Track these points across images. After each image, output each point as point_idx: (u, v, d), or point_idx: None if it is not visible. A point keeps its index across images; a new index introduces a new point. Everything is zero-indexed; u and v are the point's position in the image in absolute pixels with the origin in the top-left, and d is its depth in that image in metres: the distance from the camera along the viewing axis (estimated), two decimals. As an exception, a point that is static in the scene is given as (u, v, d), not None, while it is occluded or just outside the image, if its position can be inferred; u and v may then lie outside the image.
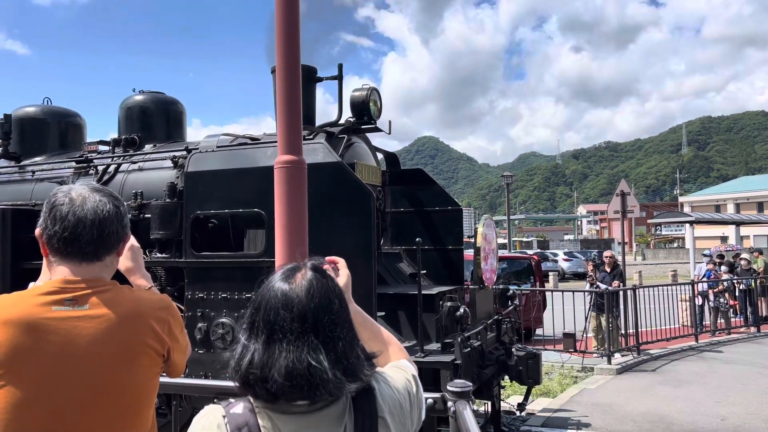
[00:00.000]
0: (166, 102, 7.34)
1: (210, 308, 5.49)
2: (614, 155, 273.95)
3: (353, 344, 1.36)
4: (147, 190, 6.29)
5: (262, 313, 1.34)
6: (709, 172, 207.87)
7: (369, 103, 6.17)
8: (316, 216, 5.10)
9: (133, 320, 1.67)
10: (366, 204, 4.97)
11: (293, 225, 4.28)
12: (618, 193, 16.66)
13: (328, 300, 1.35)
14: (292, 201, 4.28)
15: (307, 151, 5.27)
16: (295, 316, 1.31)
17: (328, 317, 1.33)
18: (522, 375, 5.43)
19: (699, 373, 9.87)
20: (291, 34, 4.31)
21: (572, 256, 39.67)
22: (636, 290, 11.54)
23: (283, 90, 4.38)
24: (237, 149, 5.73)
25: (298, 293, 1.34)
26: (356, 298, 4.98)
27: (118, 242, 1.75)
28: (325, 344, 1.30)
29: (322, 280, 1.39)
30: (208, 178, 5.60)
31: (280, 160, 4.35)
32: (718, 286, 13.95)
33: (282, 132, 4.38)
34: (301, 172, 4.37)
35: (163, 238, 5.83)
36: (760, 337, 13.28)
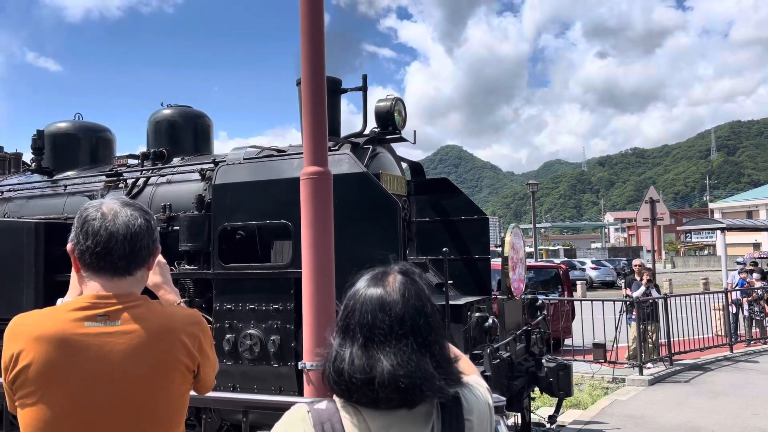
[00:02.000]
0: (194, 115, 7.43)
1: (238, 320, 5.51)
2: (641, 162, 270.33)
3: (446, 348, 1.36)
4: (175, 202, 6.37)
5: (357, 317, 1.33)
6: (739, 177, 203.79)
7: (394, 113, 6.18)
8: (342, 226, 5.10)
9: (165, 336, 1.66)
10: (392, 214, 4.96)
11: (319, 236, 4.28)
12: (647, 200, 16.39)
13: (422, 303, 1.35)
14: (318, 212, 4.29)
15: (332, 161, 5.29)
16: (394, 320, 1.30)
17: (424, 320, 1.33)
18: (553, 387, 5.35)
19: (735, 384, 9.62)
20: (316, 47, 4.34)
21: (600, 264, 39.11)
22: (667, 299, 11.32)
23: (308, 102, 4.40)
24: (263, 161, 5.77)
25: (393, 296, 1.34)
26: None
27: (149, 256, 1.75)
28: (424, 347, 1.30)
29: (414, 282, 1.38)
30: (236, 190, 5.64)
31: (306, 171, 4.35)
32: (751, 295, 13.59)
33: (308, 144, 4.39)
34: (327, 184, 4.39)
35: (191, 250, 5.88)
36: None
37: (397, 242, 4.93)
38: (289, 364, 5.26)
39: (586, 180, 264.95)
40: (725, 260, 23.05)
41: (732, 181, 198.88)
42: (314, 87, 4.40)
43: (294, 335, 5.26)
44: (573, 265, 34.96)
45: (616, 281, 34.22)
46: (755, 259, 17.67)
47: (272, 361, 5.33)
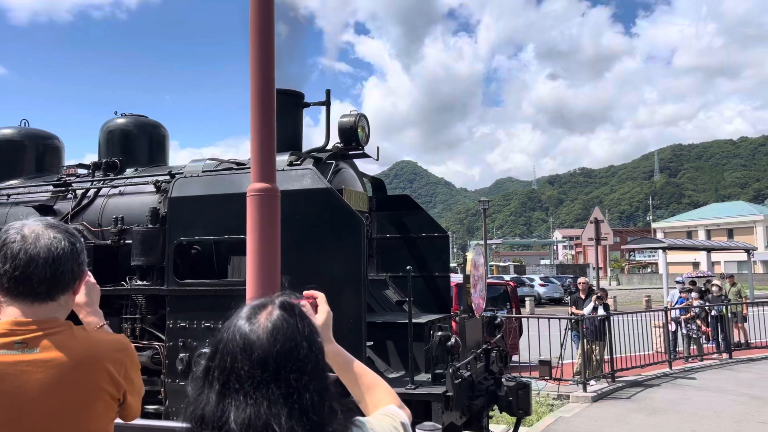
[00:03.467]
0: (149, 125, 7.21)
1: (192, 338, 5.31)
2: (589, 181, 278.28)
3: (323, 395, 1.19)
4: (128, 215, 6.13)
5: (218, 359, 1.18)
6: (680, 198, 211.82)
7: (357, 129, 6.13)
8: (304, 242, 5.01)
9: (88, 364, 1.58)
10: (356, 230, 4.89)
11: (266, 254, 4.19)
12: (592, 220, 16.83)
13: (294, 344, 1.18)
14: (264, 229, 4.20)
15: (295, 176, 5.20)
16: (255, 363, 1.14)
17: (294, 364, 1.16)
18: (512, 406, 5.34)
19: (673, 400, 9.85)
20: (265, 61, 4.24)
21: (548, 281, 39.86)
22: (610, 317, 11.62)
23: (256, 117, 4.29)
24: (222, 174, 5.62)
25: (259, 335, 1.17)
26: (346, 327, 4.85)
27: (73, 281, 1.66)
28: (288, 396, 1.13)
29: (289, 320, 1.21)
30: (193, 203, 5.47)
31: (254, 188, 4.26)
32: (689, 313, 14.06)
33: (255, 159, 4.28)
34: (275, 200, 4.31)
35: (144, 264, 5.66)
36: (732, 363, 13.34)
37: (361, 259, 4.85)
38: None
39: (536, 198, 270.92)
40: (666, 278, 23.81)
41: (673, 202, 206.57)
42: (263, 102, 4.28)
43: (251, 354, 5.09)
44: (522, 282, 35.54)
45: (563, 298, 34.95)
46: (693, 278, 18.29)
47: (228, 381, 5.14)
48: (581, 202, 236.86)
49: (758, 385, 10.83)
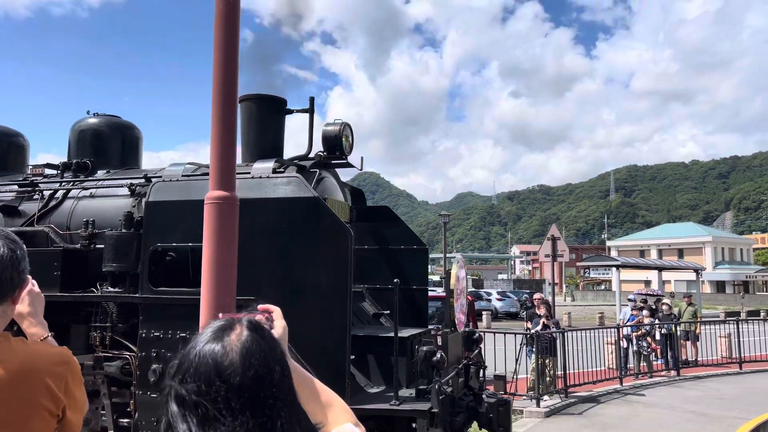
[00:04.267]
0: (122, 126, 6.97)
1: (167, 348, 5.10)
2: (547, 198, 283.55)
3: (293, 421, 1.13)
4: (99, 218, 5.89)
5: (191, 386, 1.09)
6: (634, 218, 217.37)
7: (342, 137, 6.04)
8: (287, 252, 4.88)
9: (26, 378, 1.50)
10: (344, 241, 4.78)
11: (223, 264, 4.10)
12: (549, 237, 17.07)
13: (268, 369, 1.11)
14: (222, 239, 4.11)
15: (279, 184, 5.07)
16: (231, 390, 1.07)
17: (268, 390, 1.09)
18: (493, 423, 5.29)
19: (623, 416, 9.98)
20: (229, 65, 4.17)
21: (505, 295, 40.26)
22: (564, 333, 11.78)
23: (218, 122, 4.20)
24: (203, 179, 5.44)
25: (233, 360, 1.09)
26: (330, 340, 4.70)
27: (13, 289, 1.58)
28: (263, 426, 1.07)
29: (261, 341, 1.14)
30: (171, 208, 5.28)
31: (212, 195, 4.17)
32: (640, 330, 14.35)
33: (215, 167, 4.19)
34: (233, 209, 4.23)
35: (117, 270, 5.44)
36: (680, 380, 13.63)
37: (348, 272, 4.74)
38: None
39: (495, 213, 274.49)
40: (619, 296, 24.34)
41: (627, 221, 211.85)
42: (225, 108, 4.19)
43: (229, 366, 4.92)
44: (480, 296, 35.83)
45: (519, 312, 35.35)
46: (644, 295, 18.73)
47: (203, 395, 4.95)
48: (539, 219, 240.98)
49: (704, 403, 11.06)
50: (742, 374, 14.39)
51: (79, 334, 5.67)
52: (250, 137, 6.23)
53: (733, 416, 9.85)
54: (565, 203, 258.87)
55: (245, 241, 4.96)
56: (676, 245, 78.23)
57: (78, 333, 5.67)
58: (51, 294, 5.52)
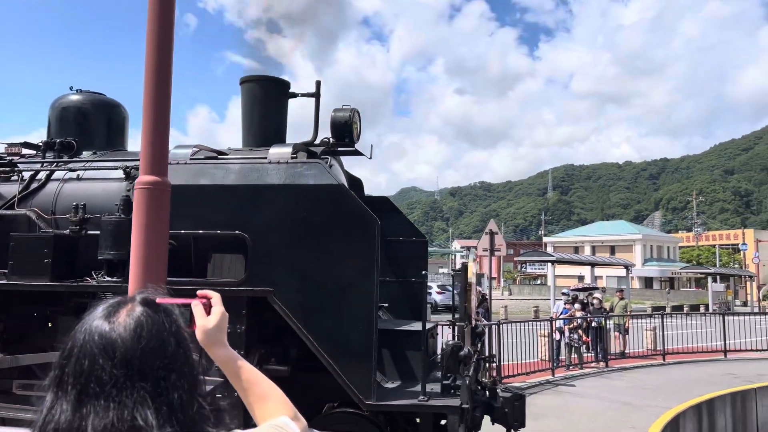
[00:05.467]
0: (108, 105, 6.51)
1: (173, 342, 4.78)
2: (488, 194, 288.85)
3: (194, 394, 1.12)
4: (89, 202, 5.47)
5: (73, 363, 1.07)
6: (570, 215, 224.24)
7: (351, 124, 5.83)
8: (309, 240, 4.65)
9: None
10: (371, 231, 4.60)
11: (152, 250, 4.02)
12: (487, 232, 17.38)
13: (161, 341, 1.11)
14: (152, 225, 4.03)
15: (301, 170, 4.83)
16: (117, 363, 1.06)
17: (161, 362, 1.09)
18: (508, 418, 5.22)
19: (553, 406, 10.26)
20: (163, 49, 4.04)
21: (445, 288, 40.76)
22: (500, 325, 12.06)
23: (150, 107, 4.06)
24: (216, 163, 5.13)
25: (121, 334, 1.09)
26: (355, 333, 4.51)
27: None
28: (156, 396, 1.06)
29: (154, 316, 1.14)
30: (179, 193, 4.92)
31: (143, 180, 4.05)
32: (572, 323, 14.84)
33: (146, 151, 4.06)
34: (165, 195, 4.14)
35: (115, 258, 5.05)
36: (608, 372, 14.13)
37: (374, 262, 4.56)
38: (235, 394, 4.62)
39: (438, 208, 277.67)
40: (554, 290, 25.11)
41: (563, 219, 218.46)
42: (158, 91, 4.06)
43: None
44: (420, 289, 35.99)
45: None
46: (576, 291, 19.40)
47: (215, 392, 4.66)
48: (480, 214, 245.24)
49: (630, 393, 11.50)
50: (666, 365, 15.06)
51: (68, 327, 5.25)
52: (253, 121, 5.94)
53: (655, 405, 10.30)
54: (505, 200, 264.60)
55: (264, 228, 4.71)
56: (608, 242, 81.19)
57: (67, 326, 5.25)
58: (41, 283, 5.10)
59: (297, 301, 4.60)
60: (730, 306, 41.36)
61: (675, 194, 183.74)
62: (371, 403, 4.40)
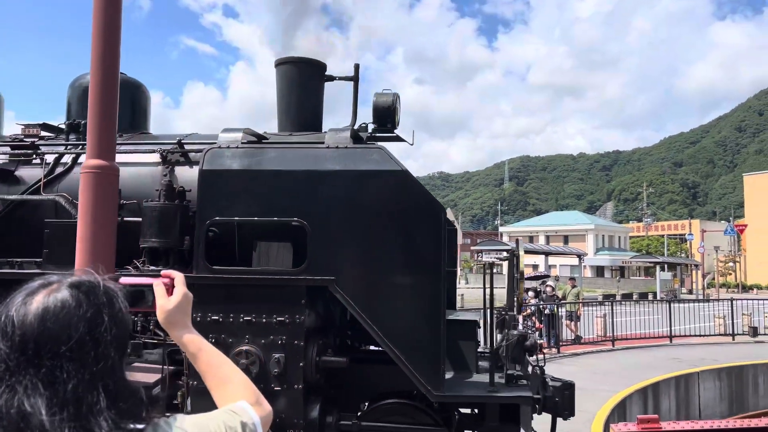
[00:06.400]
0: (131, 85, 6.17)
1: (228, 334, 4.59)
2: (446, 185, 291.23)
3: (95, 385, 1.07)
4: (124, 187, 5.18)
5: None
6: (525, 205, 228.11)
7: (394, 109, 5.68)
8: (372, 228, 4.53)
9: None
10: (436, 218, 4.49)
11: (99, 237, 3.92)
12: None
13: (66, 326, 1.07)
14: (99, 210, 3.95)
15: (362, 155, 4.69)
16: (15, 345, 1.04)
17: (58, 348, 1.05)
18: (558, 407, 5.20)
19: None
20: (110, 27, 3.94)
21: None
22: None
23: (97, 89, 3.95)
24: (273, 147, 4.91)
25: (25, 315, 1.06)
26: (421, 324, 4.43)
27: None
28: (51, 384, 1.03)
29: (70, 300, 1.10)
30: (233, 178, 4.72)
31: (89, 164, 3.95)
32: (525, 311, 15.20)
33: (93, 135, 3.97)
34: (112, 179, 4.03)
35: (161, 247, 4.81)
36: (560, 357, 14.61)
37: (441, 250, 4.46)
38: (295, 386, 4.49)
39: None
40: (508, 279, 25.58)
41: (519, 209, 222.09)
42: (105, 74, 3.98)
43: (303, 353, 4.51)
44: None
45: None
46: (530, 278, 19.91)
47: (273, 384, 4.50)
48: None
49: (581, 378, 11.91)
50: (615, 351, 15.62)
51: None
52: (291, 104, 5.73)
53: (605, 389, 10.70)
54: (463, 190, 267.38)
55: (324, 215, 4.55)
56: (562, 232, 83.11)
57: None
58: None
59: (360, 290, 4.47)
60: (677, 294, 42.98)
61: (626, 186, 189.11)
62: (440, 395, 4.31)
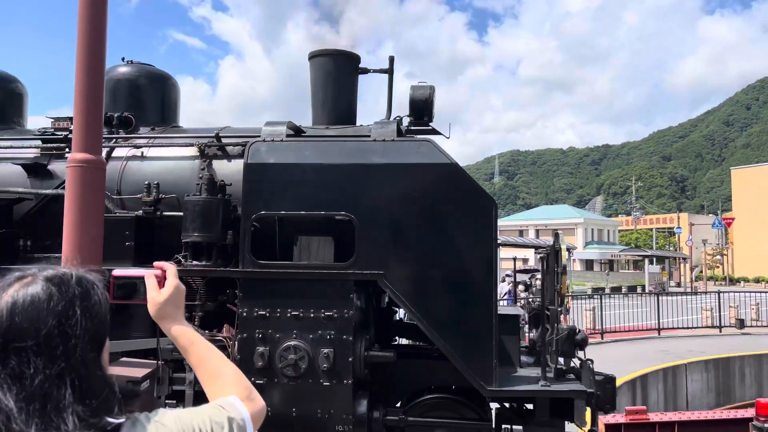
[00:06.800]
0: (161, 78, 6.09)
1: (275, 329, 4.54)
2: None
3: (64, 378, 1.05)
4: (164, 181, 5.12)
5: None
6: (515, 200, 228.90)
7: (431, 102, 5.63)
8: (422, 222, 4.50)
9: None
10: (488, 211, 4.46)
11: (87, 230, 3.90)
12: None
13: (34, 320, 1.05)
14: (86, 204, 3.94)
15: (409, 148, 4.65)
16: None
17: (31, 342, 1.03)
18: (600, 400, 5.21)
19: None
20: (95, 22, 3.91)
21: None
22: None
23: (83, 82, 3.93)
24: (319, 140, 4.86)
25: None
26: (473, 319, 4.41)
27: None
28: (18, 378, 1.02)
29: (42, 295, 1.08)
30: (280, 171, 4.65)
31: (75, 158, 3.96)
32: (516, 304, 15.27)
33: (79, 128, 3.96)
34: (99, 174, 4.02)
35: (204, 241, 4.74)
36: None
37: (493, 244, 4.43)
38: (345, 381, 4.45)
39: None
40: (498, 272, 25.85)
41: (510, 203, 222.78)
42: (90, 67, 3.95)
43: (352, 348, 4.47)
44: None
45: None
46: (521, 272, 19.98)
47: (321, 379, 4.46)
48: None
49: None
50: (604, 343, 15.65)
51: (143, 313, 4.92)
52: (327, 97, 5.67)
53: None
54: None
55: (372, 209, 4.51)
56: (552, 226, 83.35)
57: (142, 312, 4.92)
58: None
59: (409, 284, 4.44)
60: (665, 287, 43.29)
61: (616, 179, 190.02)
62: (493, 389, 4.30)
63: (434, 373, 5.03)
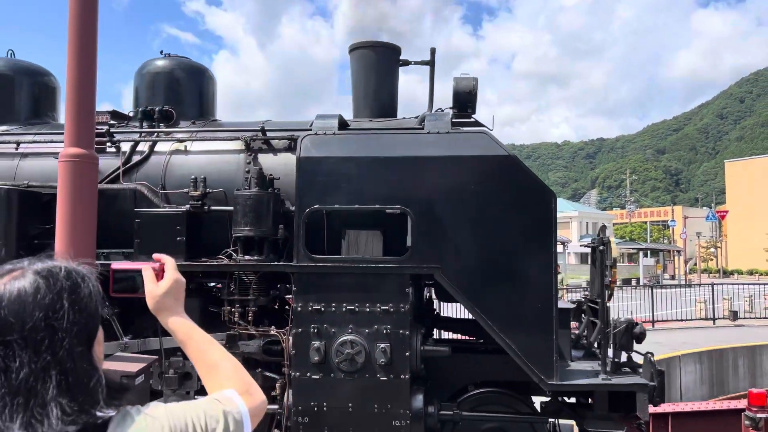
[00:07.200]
0: (198, 71, 6.01)
1: (330, 323, 4.49)
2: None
3: (49, 371, 1.04)
4: (209, 175, 5.06)
5: None
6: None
7: (475, 94, 5.58)
8: (479, 215, 4.46)
9: None
10: (547, 204, 4.42)
11: (79, 223, 3.88)
12: None
13: (22, 312, 1.04)
14: (78, 200, 3.91)
15: (464, 140, 4.60)
16: None
17: (17, 335, 1.03)
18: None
19: None
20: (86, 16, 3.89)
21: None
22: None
23: (74, 77, 3.89)
24: (372, 133, 4.80)
25: None
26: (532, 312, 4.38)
27: None
28: (3, 372, 1.02)
29: (29, 288, 1.06)
30: (333, 165, 4.60)
31: (67, 153, 3.93)
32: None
33: (71, 123, 3.93)
34: (91, 168, 3.99)
35: (256, 236, 4.69)
36: None
37: (552, 238, 4.39)
38: (402, 376, 4.41)
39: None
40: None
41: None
42: (82, 60, 3.91)
43: (408, 342, 4.43)
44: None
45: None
46: None
47: (378, 374, 4.42)
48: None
49: None
50: None
51: (193, 308, 4.87)
52: (368, 90, 5.62)
53: None
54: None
55: (428, 202, 4.47)
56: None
57: (192, 307, 4.87)
58: (180, 263, 4.68)
59: (466, 278, 4.40)
60: (660, 279, 43.44)
61: (610, 173, 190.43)
62: (554, 383, 4.27)
63: (482, 368, 5.01)
